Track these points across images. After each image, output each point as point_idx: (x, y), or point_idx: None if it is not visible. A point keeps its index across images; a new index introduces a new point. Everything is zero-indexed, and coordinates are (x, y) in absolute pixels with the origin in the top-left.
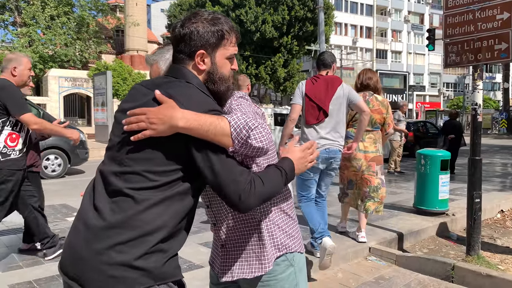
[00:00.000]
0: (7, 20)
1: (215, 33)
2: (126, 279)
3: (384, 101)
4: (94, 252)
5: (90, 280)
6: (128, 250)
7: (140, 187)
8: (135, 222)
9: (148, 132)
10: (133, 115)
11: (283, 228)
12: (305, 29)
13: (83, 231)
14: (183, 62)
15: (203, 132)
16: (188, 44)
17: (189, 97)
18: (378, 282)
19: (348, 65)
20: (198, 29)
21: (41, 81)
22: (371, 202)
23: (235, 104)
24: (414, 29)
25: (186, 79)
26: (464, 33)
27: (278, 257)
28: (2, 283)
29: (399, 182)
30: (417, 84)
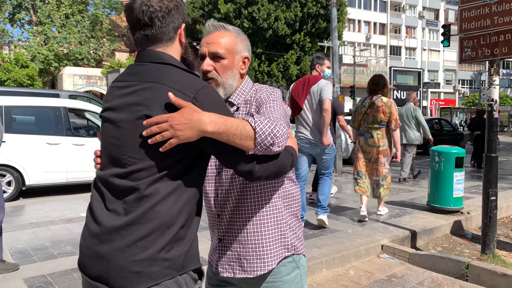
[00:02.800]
0: (23, 19)
1: (184, 7)
2: (151, 273)
3: (388, 102)
4: (116, 250)
5: (114, 278)
6: (150, 244)
7: (149, 182)
8: (151, 215)
9: (174, 140)
10: (153, 124)
11: (294, 229)
12: (318, 26)
13: (100, 232)
14: (163, 41)
15: (229, 137)
16: (174, 18)
17: (176, 80)
18: (390, 280)
19: (361, 62)
20: (177, 4)
21: (56, 78)
22: (382, 189)
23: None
24: (428, 25)
25: (164, 61)
26: (480, 27)
27: (286, 257)
28: (17, 276)
29: (412, 180)
30: (432, 81)
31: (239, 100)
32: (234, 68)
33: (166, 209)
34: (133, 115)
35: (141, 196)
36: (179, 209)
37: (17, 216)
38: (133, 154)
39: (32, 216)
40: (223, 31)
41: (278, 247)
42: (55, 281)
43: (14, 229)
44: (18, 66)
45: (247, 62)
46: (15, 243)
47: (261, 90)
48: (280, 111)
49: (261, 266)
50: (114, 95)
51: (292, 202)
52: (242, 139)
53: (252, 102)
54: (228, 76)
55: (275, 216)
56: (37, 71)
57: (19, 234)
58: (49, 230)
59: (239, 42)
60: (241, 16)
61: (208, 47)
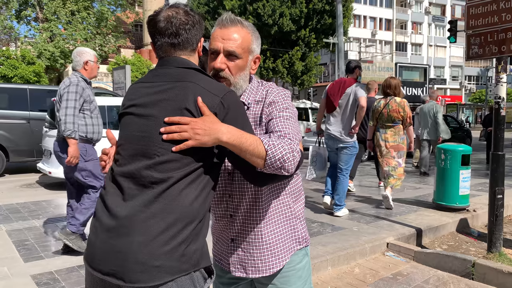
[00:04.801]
0: (29, 16)
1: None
2: (169, 268)
3: (401, 102)
4: (137, 243)
5: (131, 272)
6: (171, 238)
7: (175, 174)
8: (174, 208)
9: (191, 142)
10: (175, 124)
11: (302, 221)
12: (323, 22)
13: (116, 226)
14: (186, 50)
15: (241, 151)
16: (197, 32)
17: (205, 81)
18: (395, 278)
19: (367, 58)
20: (200, 20)
21: (62, 75)
22: (391, 178)
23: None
24: (435, 21)
25: (190, 66)
26: (488, 24)
27: (298, 249)
28: (24, 273)
29: (419, 177)
30: (438, 77)
31: (249, 100)
32: (247, 68)
33: (189, 204)
34: (166, 110)
35: (166, 188)
36: (199, 204)
37: (34, 211)
38: (163, 145)
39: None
40: (240, 27)
41: (290, 241)
42: (62, 278)
43: (23, 224)
44: (24, 63)
45: (258, 62)
46: (23, 240)
47: (273, 92)
48: (293, 120)
49: (276, 264)
50: (139, 94)
51: (299, 194)
52: (253, 156)
53: (263, 103)
54: (241, 77)
55: (287, 211)
56: (43, 68)
57: (26, 231)
58: (56, 227)
59: (254, 41)
60: (246, 12)
61: (224, 43)
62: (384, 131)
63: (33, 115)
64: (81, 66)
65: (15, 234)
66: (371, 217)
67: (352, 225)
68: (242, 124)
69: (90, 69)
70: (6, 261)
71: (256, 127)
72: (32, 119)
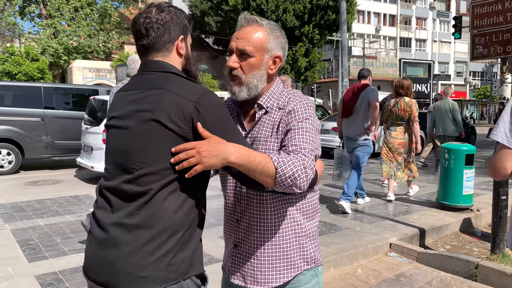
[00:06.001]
0: (33, 12)
1: (188, 22)
2: (157, 278)
3: (409, 102)
4: (123, 255)
5: (121, 282)
6: (156, 249)
7: (155, 187)
8: (157, 220)
9: (199, 167)
10: (182, 150)
11: (314, 241)
12: (327, 18)
13: (106, 239)
14: (161, 50)
15: (249, 170)
16: (171, 30)
17: (180, 86)
18: (398, 279)
19: (371, 54)
20: (178, 17)
21: (65, 72)
22: (399, 172)
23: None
24: (439, 16)
25: (167, 69)
26: (493, 24)
27: (305, 269)
28: (29, 274)
29: (422, 176)
30: (442, 73)
31: (268, 103)
32: (262, 67)
33: (172, 214)
34: (140, 121)
35: (147, 200)
36: (184, 214)
37: (36, 209)
38: (140, 159)
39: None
40: (255, 26)
41: (297, 259)
42: (66, 279)
43: (27, 224)
44: (28, 60)
45: (279, 62)
46: (27, 239)
47: (295, 100)
48: (312, 133)
49: (276, 278)
50: (119, 104)
51: (313, 212)
52: (262, 175)
53: (284, 110)
54: (254, 76)
55: (296, 228)
56: (47, 64)
57: (30, 230)
58: (59, 228)
59: (272, 39)
60: (249, 8)
61: (237, 42)
62: (394, 128)
63: (47, 113)
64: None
65: (19, 233)
66: (374, 217)
67: (355, 225)
68: (224, 127)
69: None
70: (10, 261)
71: (272, 134)
72: (46, 117)
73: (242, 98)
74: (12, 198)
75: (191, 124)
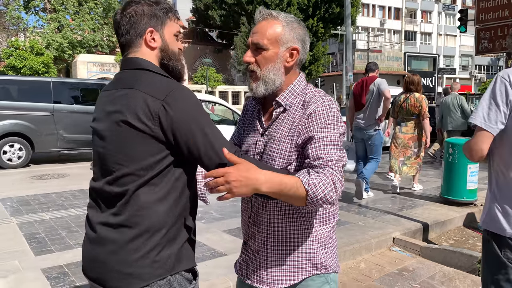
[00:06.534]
0: (37, 6)
1: (160, 10)
2: (142, 274)
3: (419, 97)
4: (109, 253)
5: (110, 279)
6: (139, 246)
7: (134, 186)
8: (138, 219)
9: (229, 195)
10: (211, 176)
11: (326, 246)
12: (331, 11)
13: (95, 237)
14: (132, 47)
15: (280, 196)
16: (136, 24)
17: (149, 84)
18: (401, 274)
19: (376, 48)
20: (143, 8)
21: (70, 66)
22: (405, 167)
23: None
24: (445, 9)
25: (140, 66)
26: (498, 19)
27: (314, 275)
28: (35, 267)
29: (426, 170)
30: (447, 66)
31: (287, 101)
32: (277, 60)
33: (153, 212)
34: (113, 123)
35: (127, 200)
36: (166, 212)
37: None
38: (117, 160)
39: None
40: (271, 20)
41: (305, 263)
42: (72, 272)
43: (33, 217)
44: (33, 54)
45: (296, 54)
46: (33, 233)
47: (316, 102)
48: (337, 141)
49: (282, 280)
50: (99, 105)
51: (329, 219)
52: (293, 198)
53: (304, 112)
54: (269, 70)
55: (306, 231)
56: (51, 59)
57: (36, 224)
58: (65, 220)
59: (287, 31)
60: (253, 1)
61: (252, 37)
62: (405, 124)
63: (57, 107)
64: None
65: (25, 227)
66: (377, 211)
67: (359, 220)
68: (192, 125)
69: None
70: (17, 254)
71: (287, 134)
72: (55, 111)
73: (260, 94)
74: (18, 192)
75: (159, 123)
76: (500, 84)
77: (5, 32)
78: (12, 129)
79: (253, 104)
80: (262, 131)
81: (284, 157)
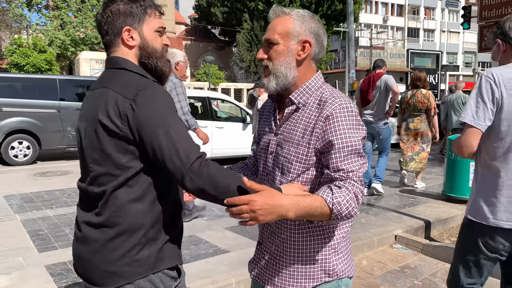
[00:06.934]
0: (40, 3)
1: (137, 7)
2: (125, 273)
3: (426, 93)
4: (92, 251)
5: (94, 277)
6: (119, 246)
7: (110, 187)
8: (117, 219)
9: (253, 222)
10: (234, 204)
11: (339, 252)
12: (334, 8)
13: (81, 236)
14: (113, 46)
15: (307, 217)
16: (112, 24)
17: (122, 83)
18: (403, 271)
19: (378, 45)
20: (119, 7)
21: (73, 63)
22: (413, 162)
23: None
24: (448, 6)
25: (119, 66)
26: (501, 15)
27: (326, 282)
28: (39, 264)
29: (428, 168)
30: (451, 63)
31: (301, 99)
32: (288, 53)
33: (130, 213)
34: (89, 122)
35: (106, 200)
36: (142, 213)
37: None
38: (93, 159)
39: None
40: (282, 16)
41: (317, 271)
42: None
43: (37, 214)
44: (36, 51)
45: (308, 47)
46: (37, 230)
47: (333, 103)
48: (358, 148)
49: (291, 285)
50: (83, 105)
51: (343, 225)
52: (318, 217)
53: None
54: (280, 63)
55: (320, 237)
56: (54, 56)
57: (40, 221)
58: (69, 218)
59: (298, 24)
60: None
61: (265, 34)
62: (411, 119)
63: (63, 105)
64: (173, 67)
65: (29, 224)
66: (379, 208)
67: (361, 217)
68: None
69: (181, 69)
70: (21, 251)
71: (303, 136)
72: (62, 109)
73: (272, 89)
74: (22, 189)
75: (127, 123)
76: (485, 83)
77: (8, 29)
78: (19, 126)
79: (270, 103)
80: (275, 130)
81: (301, 161)
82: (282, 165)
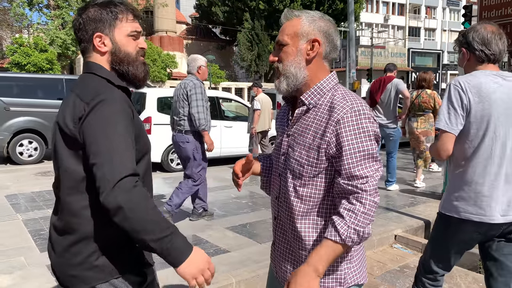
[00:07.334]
0: (41, 3)
1: (107, 13)
2: (85, 278)
3: (431, 93)
4: (57, 255)
5: (62, 280)
6: (79, 252)
7: (67, 193)
8: (73, 226)
9: None
10: None
11: (351, 261)
12: (335, 7)
13: (50, 238)
14: (87, 52)
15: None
16: (84, 31)
17: (84, 87)
18: (403, 271)
19: (379, 44)
20: (89, 14)
21: (74, 62)
22: (419, 160)
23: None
24: (449, 5)
25: (90, 70)
26: (501, 16)
27: None
28: (40, 263)
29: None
30: (451, 63)
31: (311, 100)
32: (297, 53)
33: (85, 220)
34: (55, 125)
35: (62, 206)
36: (98, 219)
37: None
38: (55, 162)
39: None
40: (292, 19)
41: (330, 280)
42: None
43: (38, 214)
44: (37, 51)
45: (318, 46)
46: (39, 229)
47: (344, 107)
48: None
49: None
50: None
51: None
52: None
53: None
54: (290, 63)
55: None
56: (55, 55)
57: (41, 220)
58: None
59: (307, 24)
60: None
61: (277, 38)
62: (416, 119)
63: None
64: (195, 70)
65: (31, 223)
66: (379, 208)
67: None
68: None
69: (203, 73)
70: (22, 250)
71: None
72: None
73: (283, 89)
74: (24, 188)
75: (78, 125)
76: (454, 91)
77: (9, 29)
78: (27, 125)
79: (285, 105)
80: (287, 130)
81: (313, 165)
82: (294, 168)
